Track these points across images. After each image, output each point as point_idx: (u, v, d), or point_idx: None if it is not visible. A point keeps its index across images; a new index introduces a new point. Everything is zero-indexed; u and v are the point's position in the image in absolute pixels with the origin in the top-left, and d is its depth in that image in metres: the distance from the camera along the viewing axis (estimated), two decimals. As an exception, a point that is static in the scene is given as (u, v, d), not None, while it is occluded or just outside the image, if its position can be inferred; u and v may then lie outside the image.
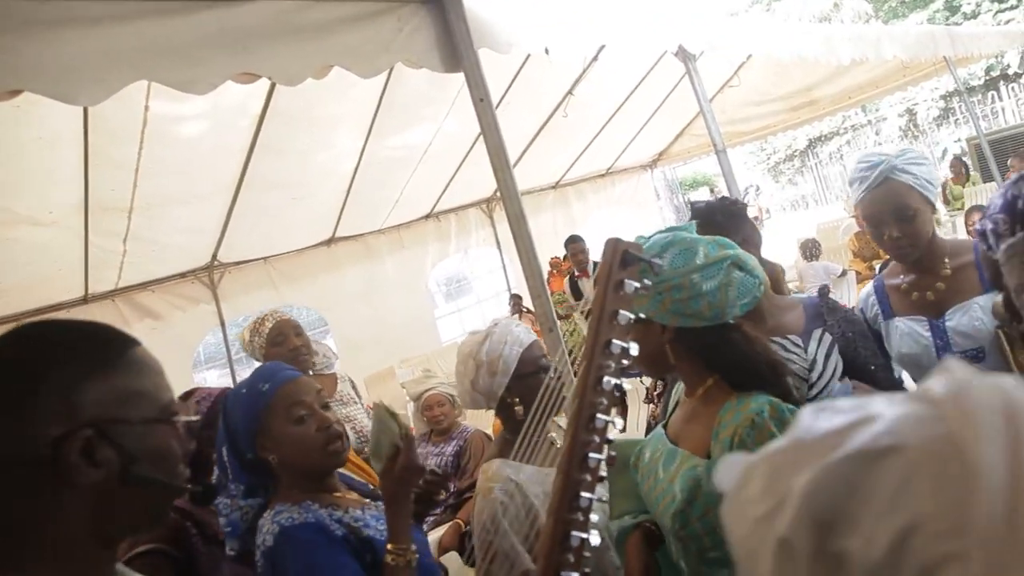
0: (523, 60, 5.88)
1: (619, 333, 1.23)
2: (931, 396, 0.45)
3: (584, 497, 1.17)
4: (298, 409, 1.66)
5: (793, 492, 0.45)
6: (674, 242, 1.52)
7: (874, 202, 1.99)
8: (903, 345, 2.07)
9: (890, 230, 1.98)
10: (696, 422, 1.56)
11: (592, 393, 1.21)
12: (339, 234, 7.70)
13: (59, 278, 5.80)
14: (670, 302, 1.49)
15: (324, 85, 2.69)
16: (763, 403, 1.44)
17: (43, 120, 3.92)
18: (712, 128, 4.16)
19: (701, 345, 1.53)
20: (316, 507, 1.61)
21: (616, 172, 10.58)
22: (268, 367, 1.78)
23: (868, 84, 8.57)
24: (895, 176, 1.95)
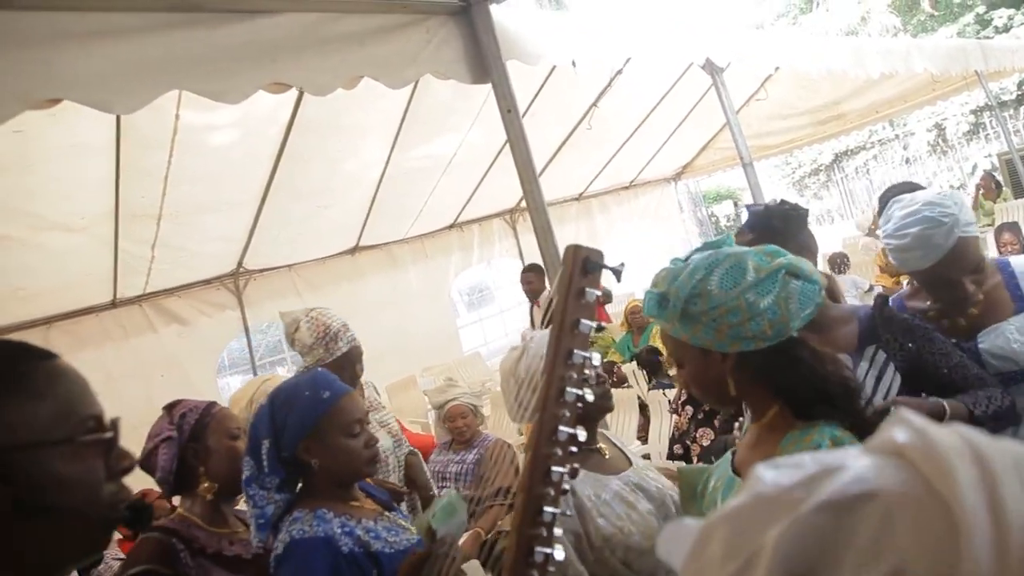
0: (548, 72, 5.89)
1: (580, 343, 1.18)
2: (893, 445, 0.44)
3: (547, 512, 1.15)
4: (354, 424, 1.73)
5: (764, 549, 0.43)
6: (719, 261, 1.37)
7: (950, 266, 1.86)
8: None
9: (967, 287, 1.88)
10: (758, 451, 1.44)
11: (554, 405, 1.17)
12: (363, 243, 7.76)
13: (88, 283, 5.89)
14: (727, 328, 1.34)
15: (351, 95, 2.71)
16: (825, 437, 1.31)
17: (76, 129, 3.99)
18: (739, 141, 4.14)
19: (767, 368, 1.38)
20: (331, 516, 1.65)
21: (640, 185, 10.56)
22: (327, 376, 1.82)
23: (897, 98, 8.49)
24: (966, 232, 1.84)
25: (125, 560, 1.88)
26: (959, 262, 1.86)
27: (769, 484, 0.46)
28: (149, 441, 1.95)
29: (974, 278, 1.87)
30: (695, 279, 1.35)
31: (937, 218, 1.84)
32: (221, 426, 1.89)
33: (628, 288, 8.89)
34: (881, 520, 0.41)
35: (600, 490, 1.82)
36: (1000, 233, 7.07)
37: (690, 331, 1.37)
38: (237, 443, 1.88)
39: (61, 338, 6.08)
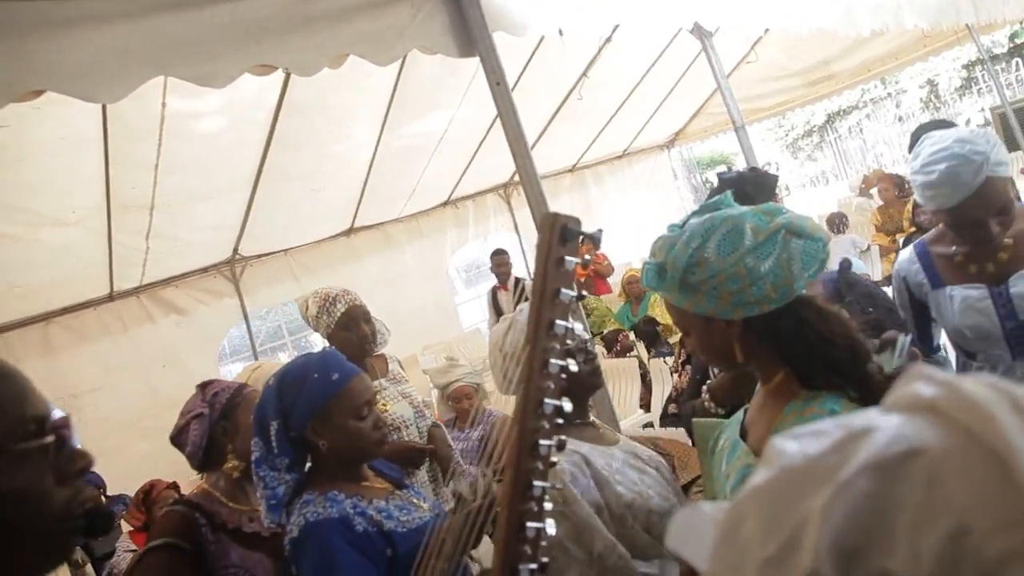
0: (536, 44, 5.84)
1: (562, 312, 1.15)
2: (921, 401, 0.43)
3: (537, 486, 1.13)
4: (362, 406, 1.73)
5: (808, 522, 0.41)
6: (715, 226, 1.33)
7: (977, 206, 1.81)
8: (965, 317, 1.94)
9: (992, 229, 1.83)
10: (763, 415, 1.43)
11: (538, 377, 1.14)
12: (358, 224, 7.73)
13: (84, 277, 5.88)
14: (729, 295, 1.31)
15: (338, 75, 2.68)
16: (825, 412, 1.27)
17: (64, 121, 3.96)
18: (731, 105, 4.12)
19: (772, 332, 1.35)
20: (342, 497, 1.65)
21: (633, 153, 10.51)
22: (336, 357, 1.82)
23: (888, 56, 8.42)
24: (996, 172, 1.79)
25: (151, 532, 1.95)
26: (986, 202, 1.80)
27: (795, 455, 0.44)
28: (181, 417, 2.03)
29: (1000, 220, 1.82)
30: (692, 247, 1.31)
31: (967, 155, 1.79)
32: (251, 406, 1.88)
33: (625, 258, 8.88)
34: (928, 478, 0.39)
35: (609, 459, 1.83)
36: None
37: (692, 300, 1.34)
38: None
39: (60, 333, 6.08)
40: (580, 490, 1.71)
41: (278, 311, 9.12)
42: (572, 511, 1.67)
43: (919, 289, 2.08)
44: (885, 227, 7.47)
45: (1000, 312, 1.88)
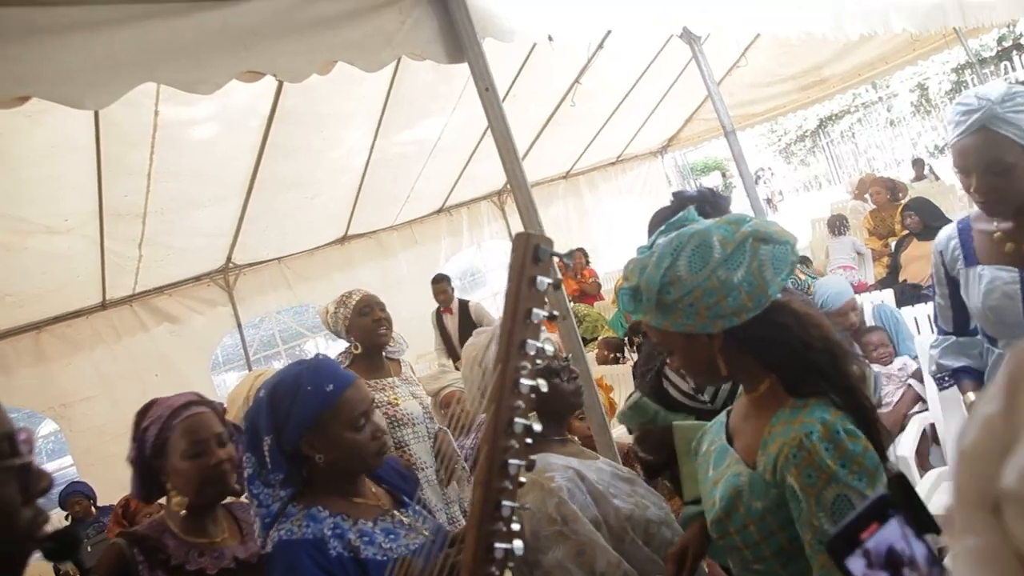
0: (528, 51, 5.86)
1: (533, 332, 1.15)
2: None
3: (505, 506, 1.12)
4: (359, 417, 1.65)
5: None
6: (683, 243, 1.34)
7: (965, 152, 1.81)
8: (989, 297, 1.89)
9: (977, 183, 1.80)
10: (749, 423, 1.43)
11: (509, 396, 1.14)
12: (352, 232, 7.73)
13: (76, 285, 5.86)
14: (705, 309, 1.31)
15: (331, 83, 2.70)
16: (814, 423, 1.27)
17: (55, 128, 3.96)
18: (720, 110, 4.13)
19: (753, 340, 1.35)
20: (325, 515, 1.59)
21: (626, 160, 10.54)
22: (330, 365, 1.73)
23: (878, 60, 8.46)
24: (993, 125, 1.75)
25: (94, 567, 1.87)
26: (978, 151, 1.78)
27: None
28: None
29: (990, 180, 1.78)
30: (663, 268, 1.32)
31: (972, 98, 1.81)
32: (183, 441, 1.80)
33: (619, 264, 8.90)
34: None
35: (599, 473, 1.78)
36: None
37: (670, 319, 1.35)
38: (200, 461, 1.79)
39: (52, 343, 6.06)
40: (578, 506, 1.64)
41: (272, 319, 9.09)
42: (572, 530, 1.60)
43: (953, 266, 2.02)
44: (877, 231, 7.50)
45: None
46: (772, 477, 1.29)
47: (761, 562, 1.34)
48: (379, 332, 3.19)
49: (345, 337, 3.26)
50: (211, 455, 1.80)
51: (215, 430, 1.85)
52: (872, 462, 1.23)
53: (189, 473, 1.79)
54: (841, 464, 1.22)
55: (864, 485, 1.21)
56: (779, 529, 1.30)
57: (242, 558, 1.85)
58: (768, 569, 1.34)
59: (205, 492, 1.82)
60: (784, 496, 1.28)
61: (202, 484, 1.80)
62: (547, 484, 1.65)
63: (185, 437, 1.80)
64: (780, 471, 1.27)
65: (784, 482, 1.27)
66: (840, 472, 1.21)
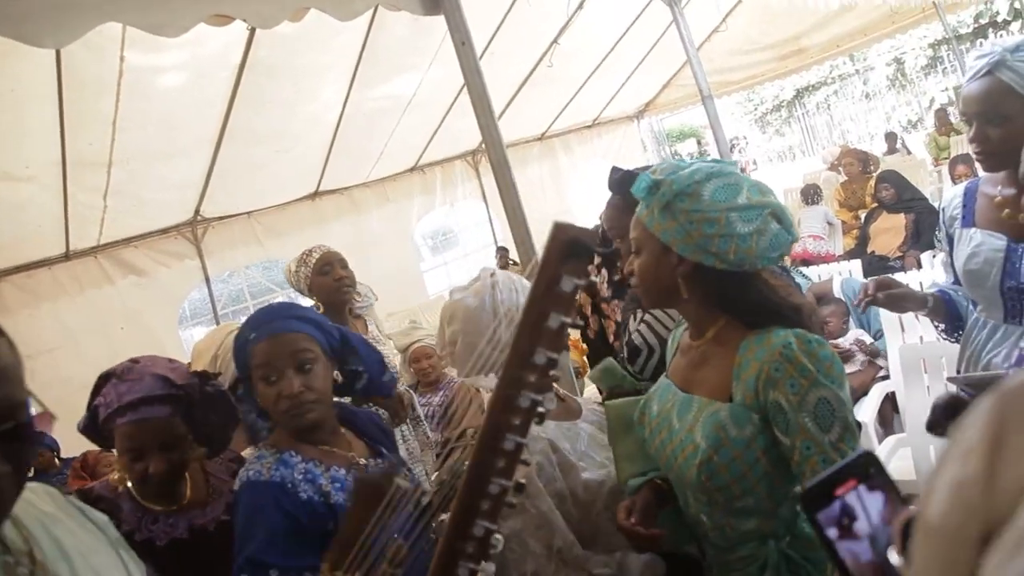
0: (508, 7, 5.77)
1: (547, 341, 0.99)
2: None
3: (480, 525, 1.03)
4: (268, 371, 1.62)
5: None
6: (718, 174, 1.42)
7: (968, 98, 1.82)
8: (971, 260, 1.89)
9: (975, 131, 1.81)
10: (708, 366, 1.48)
11: (503, 410, 1.01)
12: (323, 187, 7.63)
13: (39, 235, 5.72)
14: (698, 235, 1.39)
15: (305, 34, 2.63)
16: (788, 335, 1.35)
17: (15, 74, 3.83)
18: (699, 75, 4.12)
19: (717, 286, 1.44)
20: (297, 460, 1.60)
21: (602, 123, 10.49)
22: (264, 313, 1.73)
23: (856, 32, 8.47)
24: (999, 72, 1.75)
25: None
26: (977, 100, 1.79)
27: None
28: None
29: (984, 129, 1.79)
30: (693, 179, 1.40)
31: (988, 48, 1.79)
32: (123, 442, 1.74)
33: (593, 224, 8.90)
34: None
35: (574, 441, 1.76)
36: (954, 165, 7.19)
37: (664, 224, 1.42)
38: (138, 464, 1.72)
39: (13, 293, 5.93)
40: (545, 480, 1.63)
41: (240, 274, 9.00)
42: (533, 504, 1.61)
43: (951, 224, 2.02)
44: (848, 203, 7.57)
45: (1006, 267, 1.82)
46: (754, 400, 1.35)
47: (750, 494, 1.39)
48: (341, 290, 3.13)
49: (308, 295, 3.22)
50: (148, 461, 1.72)
51: (159, 438, 1.73)
52: (839, 368, 1.34)
53: (128, 468, 1.74)
54: (818, 369, 1.31)
55: (838, 387, 1.31)
56: (762, 454, 1.36)
57: (199, 524, 1.80)
58: (756, 500, 1.40)
59: (143, 489, 1.77)
60: (765, 419, 1.35)
61: (139, 483, 1.76)
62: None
63: (124, 441, 1.73)
64: (763, 390, 1.34)
65: (767, 400, 1.34)
66: (820, 376, 1.30)
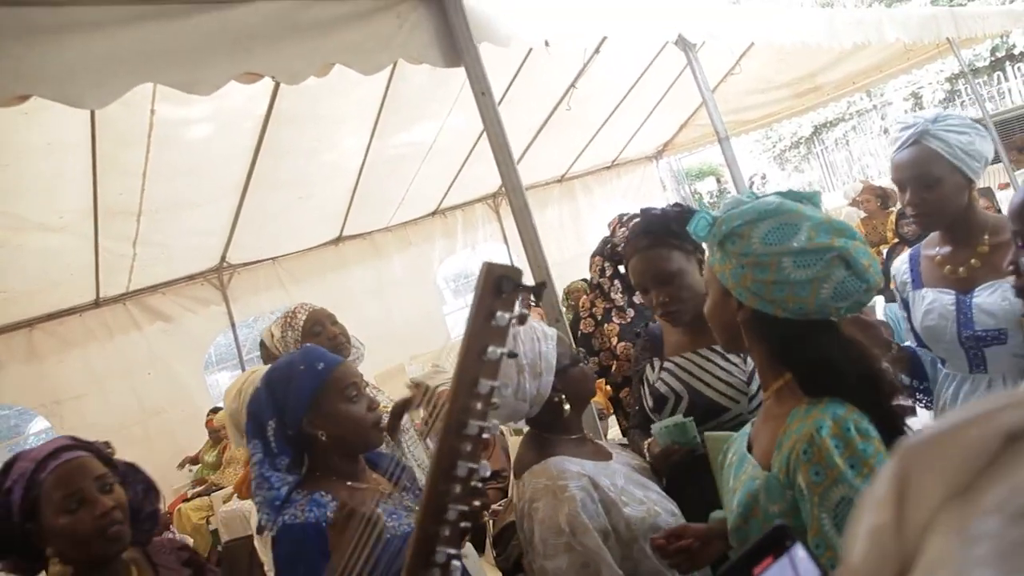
0: (525, 55, 5.88)
1: (488, 372, 1.07)
2: None
3: (441, 552, 1.07)
4: (352, 389, 1.73)
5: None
6: (774, 213, 1.29)
7: (899, 165, 1.96)
8: (926, 317, 2.00)
9: (910, 196, 1.94)
10: (767, 425, 1.38)
11: (455, 439, 1.07)
12: (346, 233, 7.73)
13: (70, 283, 5.86)
14: (751, 280, 1.28)
15: (327, 85, 2.71)
16: (828, 416, 1.21)
17: (51, 126, 3.96)
18: (714, 117, 4.16)
19: (779, 337, 1.32)
20: (328, 499, 1.64)
21: (621, 164, 10.56)
22: (317, 349, 1.82)
23: (872, 68, 8.52)
24: (925, 141, 1.89)
25: None
26: (909, 167, 1.93)
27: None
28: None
29: (919, 193, 1.92)
30: (744, 219, 1.30)
31: (909, 119, 1.95)
32: (56, 494, 1.53)
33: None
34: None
35: (612, 477, 1.77)
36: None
37: (722, 265, 1.35)
38: (80, 514, 1.54)
39: (45, 340, 6.05)
40: (589, 517, 1.63)
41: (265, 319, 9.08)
42: (580, 542, 1.60)
43: (904, 288, 2.14)
44: (869, 238, 7.54)
45: (960, 319, 1.93)
46: (785, 477, 1.24)
47: None
48: (337, 349, 2.96)
49: None
50: (94, 504, 1.54)
51: (94, 474, 1.59)
52: (880, 464, 1.15)
53: (70, 531, 1.52)
54: (850, 464, 1.15)
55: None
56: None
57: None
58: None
59: (94, 550, 1.55)
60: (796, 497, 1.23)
61: (88, 541, 1.54)
62: (560, 493, 1.66)
63: (58, 489, 1.53)
64: (792, 470, 1.22)
65: (795, 481, 1.22)
66: (848, 473, 1.15)
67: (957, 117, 1.93)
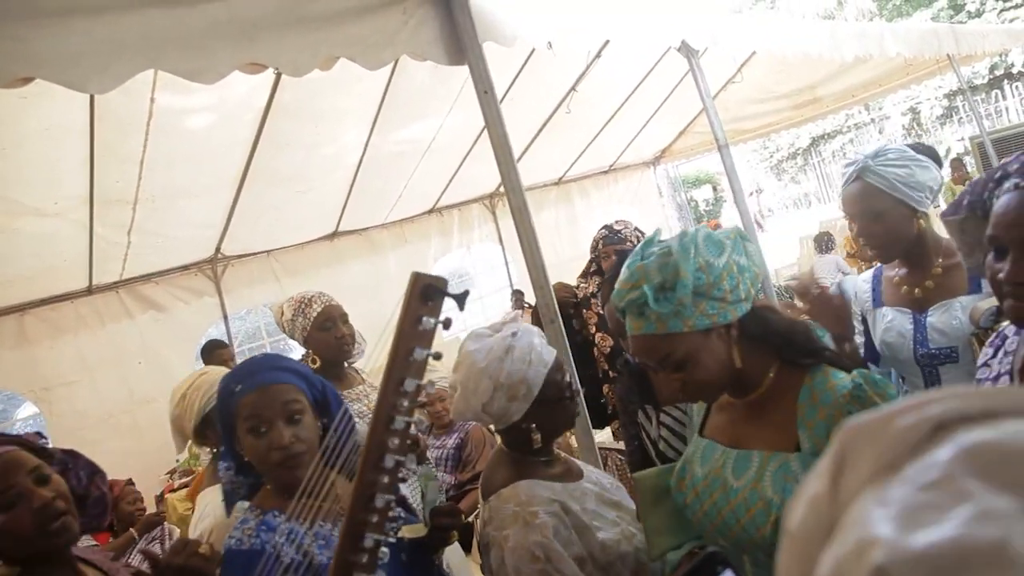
0: (526, 56, 5.89)
1: (415, 371, 1.19)
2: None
3: (369, 537, 1.15)
4: (257, 422, 1.59)
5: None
6: (694, 237, 1.39)
7: (846, 200, 2.07)
8: (886, 335, 2.10)
9: (858, 228, 2.05)
10: (762, 420, 1.44)
11: (383, 432, 1.17)
12: (342, 228, 7.72)
13: (64, 269, 5.83)
14: (729, 292, 1.37)
15: (329, 79, 2.71)
16: (856, 375, 1.35)
17: (49, 112, 3.94)
18: (715, 124, 4.18)
19: (757, 326, 1.43)
20: (280, 520, 1.56)
21: (619, 169, 10.58)
22: (252, 363, 1.70)
23: (871, 82, 8.57)
24: (866, 177, 1.99)
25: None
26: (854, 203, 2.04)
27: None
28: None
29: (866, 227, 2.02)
30: (691, 256, 1.35)
31: (852, 156, 2.08)
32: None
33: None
34: None
35: (584, 501, 1.74)
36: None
37: (694, 313, 1.35)
38: (15, 511, 1.46)
39: (36, 325, 6.02)
40: (563, 543, 1.60)
41: (258, 312, 9.07)
42: (556, 568, 1.56)
43: (864, 306, 2.23)
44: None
45: (916, 337, 2.02)
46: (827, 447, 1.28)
47: None
48: (342, 349, 2.95)
49: (302, 345, 3.04)
50: (31, 498, 1.47)
51: (27, 467, 1.51)
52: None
53: (9, 529, 1.45)
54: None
55: None
56: None
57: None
58: None
59: (39, 545, 1.49)
60: None
61: (30, 538, 1.47)
62: (531, 520, 1.61)
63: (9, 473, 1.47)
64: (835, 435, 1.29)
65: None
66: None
67: (897, 151, 2.01)
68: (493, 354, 1.71)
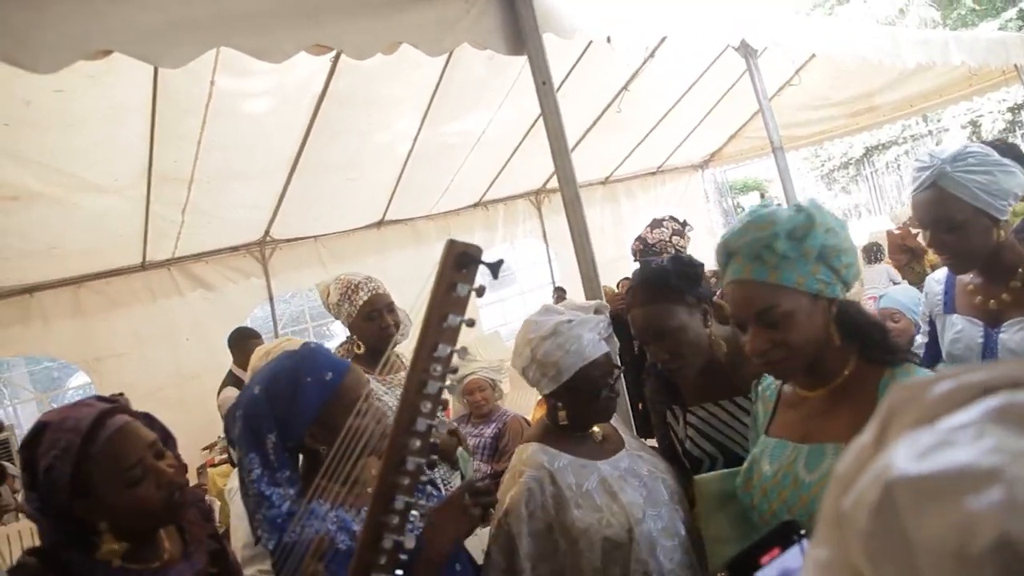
0: (581, 52, 5.87)
1: (448, 337, 1.20)
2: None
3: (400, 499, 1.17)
4: (360, 401, 1.56)
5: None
6: (817, 205, 1.36)
7: (918, 207, 1.89)
8: (953, 345, 1.98)
9: (930, 238, 1.88)
10: (838, 411, 1.38)
11: (416, 396, 1.18)
12: (389, 217, 7.80)
13: (119, 244, 6.00)
14: (844, 267, 1.33)
15: (385, 67, 2.75)
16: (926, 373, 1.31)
17: (113, 91, 4.05)
18: (770, 125, 4.12)
19: (846, 318, 1.38)
20: (326, 509, 1.54)
21: (667, 171, 10.50)
22: (325, 354, 1.68)
23: (932, 92, 8.35)
24: (942, 183, 1.79)
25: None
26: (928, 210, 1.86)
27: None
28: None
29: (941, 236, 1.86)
30: (823, 214, 1.33)
31: (925, 159, 1.86)
32: (114, 467, 1.38)
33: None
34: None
35: (583, 479, 1.79)
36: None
37: (810, 272, 1.31)
38: (142, 488, 1.40)
39: (91, 298, 6.21)
40: (534, 506, 1.73)
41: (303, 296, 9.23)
42: (507, 521, 1.74)
43: (934, 309, 2.12)
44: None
45: (986, 353, 1.88)
46: None
47: None
48: (385, 339, 2.87)
49: (346, 327, 3.01)
50: (158, 473, 1.43)
51: (147, 440, 1.45)
52: None
53: (138, 505, 1.40)
54: None
55: None
56: None
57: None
58: None
59: (162, 520, 1.49)
60: None
61: (156, 513, 1.44)
62: (517, 477, 1.78)
63: (116, 462, 1.38)
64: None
65: None
66: None
67: (979, 155, 1.81)
68: (541, 331, 1.81)
